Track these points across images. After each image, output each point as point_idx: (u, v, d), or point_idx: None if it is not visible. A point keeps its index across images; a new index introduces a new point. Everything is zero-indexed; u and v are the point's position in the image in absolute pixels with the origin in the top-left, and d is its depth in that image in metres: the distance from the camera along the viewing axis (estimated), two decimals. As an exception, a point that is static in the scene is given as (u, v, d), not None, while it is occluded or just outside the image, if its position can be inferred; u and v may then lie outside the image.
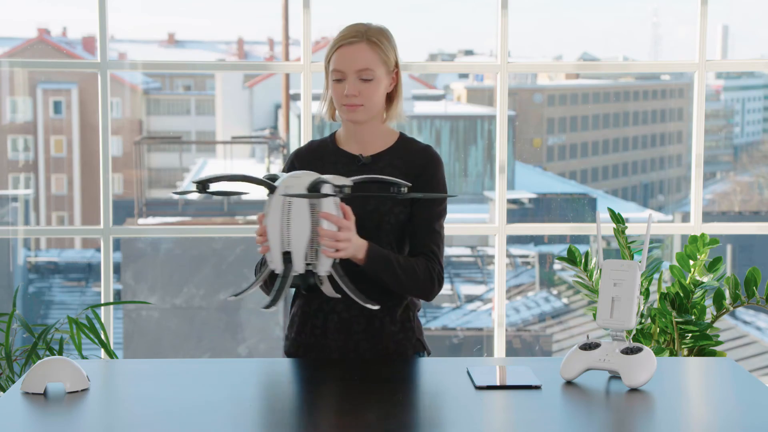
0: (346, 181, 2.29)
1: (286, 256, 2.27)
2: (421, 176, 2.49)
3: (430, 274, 2.46)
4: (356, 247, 2.33)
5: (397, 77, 2.52)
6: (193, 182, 2.28)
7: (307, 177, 2.28)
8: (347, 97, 2.45)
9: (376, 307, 2.32)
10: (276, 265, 2.29)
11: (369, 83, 2.45)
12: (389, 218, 2.45)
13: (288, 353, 2.57)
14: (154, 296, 8.29)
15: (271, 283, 2.39)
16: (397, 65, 2.51)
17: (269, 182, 2.29)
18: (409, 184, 2.30)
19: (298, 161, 2.56)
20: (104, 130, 3.88)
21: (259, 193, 2.35)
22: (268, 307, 2.25)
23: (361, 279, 2.40)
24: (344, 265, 2.35)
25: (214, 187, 2.29)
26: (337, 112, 2.55)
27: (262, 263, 2.49)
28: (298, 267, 2.27)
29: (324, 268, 2.29)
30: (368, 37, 2.45)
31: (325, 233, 2.26)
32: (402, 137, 2.55)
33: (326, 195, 2.25)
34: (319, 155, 2.54)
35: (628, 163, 23.56)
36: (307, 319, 2.52)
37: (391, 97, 2.53)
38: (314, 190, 2.26)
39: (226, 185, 2.34)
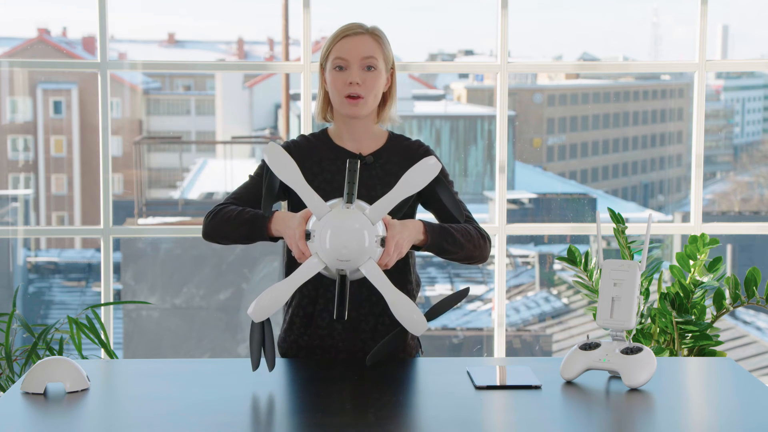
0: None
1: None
2: None
3: (480, 233, 2.45)
4: (412, 235, 2.32)
5: (392, 78, 2.53)
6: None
7: (350, 221, 2.23)
8: (350, 85, 2.44)
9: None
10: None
11: (372, 72, 2.46)
12: (405, 209, 2.42)
13: (286, 356, 2.55)
14: (154, 296, 8.28)
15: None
16: (393, 65, 2.53)
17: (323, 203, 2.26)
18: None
19: (296, 152, 2.50)
20: (104, 130, 3.88)
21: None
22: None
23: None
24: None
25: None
26: (328, 111, 2.54)
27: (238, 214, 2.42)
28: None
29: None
30: (371, 32, 2.49)
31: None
32: (392, 135, 2.57)
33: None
34: (317, 150, 2.51)
35: (628, 163, 23.53)
36: (310, 320, 2.50)
37: (384, 98, 2.54)
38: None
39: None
